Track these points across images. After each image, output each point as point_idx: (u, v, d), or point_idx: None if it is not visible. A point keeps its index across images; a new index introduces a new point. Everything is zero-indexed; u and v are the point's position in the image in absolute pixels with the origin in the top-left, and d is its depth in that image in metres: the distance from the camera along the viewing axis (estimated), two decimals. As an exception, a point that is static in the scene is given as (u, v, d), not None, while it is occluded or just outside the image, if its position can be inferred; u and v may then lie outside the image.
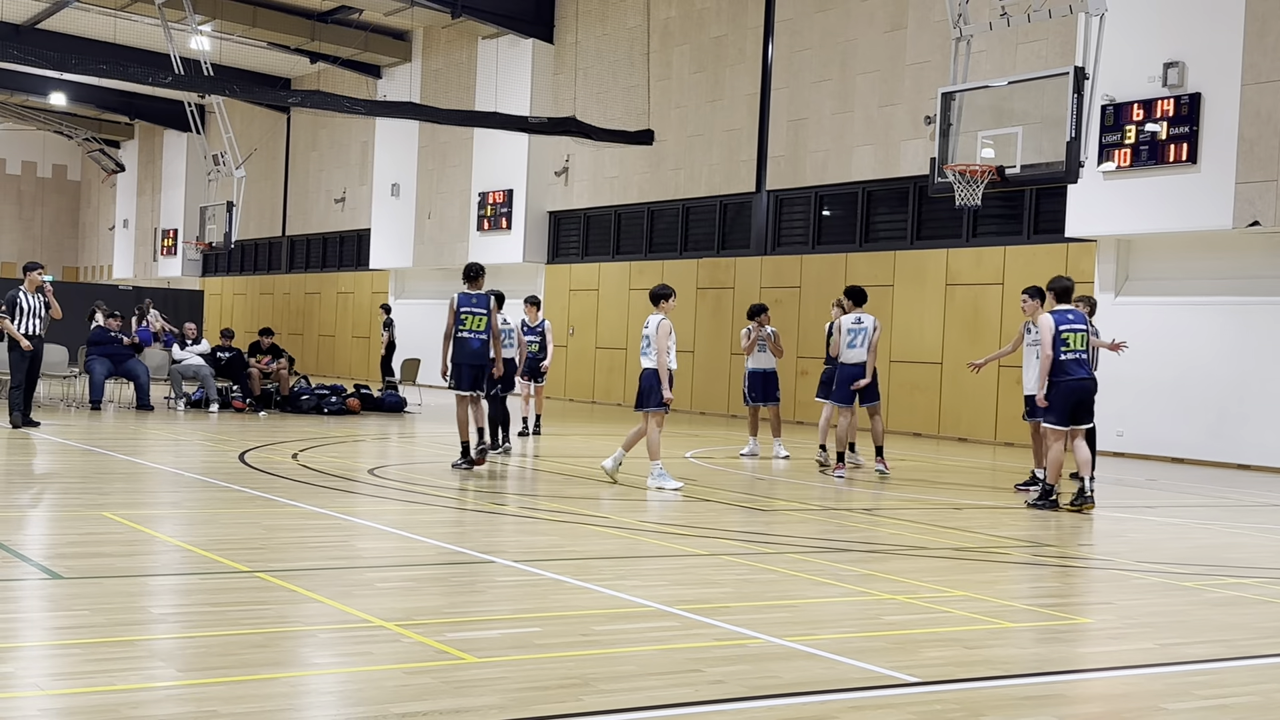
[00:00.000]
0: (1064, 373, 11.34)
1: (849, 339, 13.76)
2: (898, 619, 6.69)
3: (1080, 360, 11.40)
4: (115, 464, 12.48)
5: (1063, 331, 11.34)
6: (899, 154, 21.92)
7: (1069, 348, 11.34)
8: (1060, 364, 11.33)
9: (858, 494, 12.58)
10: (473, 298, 13.15)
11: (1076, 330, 11.39)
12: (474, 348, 13.03)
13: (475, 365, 13.03)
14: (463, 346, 13.02)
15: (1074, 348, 11.36)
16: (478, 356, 13.05)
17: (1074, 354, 11.36)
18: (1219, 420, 17.46)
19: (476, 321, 13.06)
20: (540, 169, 29.92)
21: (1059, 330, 11.33)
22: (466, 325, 13.05)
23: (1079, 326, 11.42)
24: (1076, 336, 11.37)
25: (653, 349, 12.11)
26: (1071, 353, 11.35)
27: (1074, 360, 11.36)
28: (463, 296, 13.11)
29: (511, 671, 5.22)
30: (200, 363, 20.32)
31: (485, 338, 13.09)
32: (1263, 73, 16.46)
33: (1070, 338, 11.34)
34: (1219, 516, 12.04)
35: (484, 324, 13.09)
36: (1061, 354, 11.33)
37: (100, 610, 6.02)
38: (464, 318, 13.05)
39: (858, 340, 13.74)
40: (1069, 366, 11.34)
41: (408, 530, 9.00)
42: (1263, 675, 5.84)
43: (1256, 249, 17.32)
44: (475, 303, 13.13)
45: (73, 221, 55.69)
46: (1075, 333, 11.38)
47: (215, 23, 32.31)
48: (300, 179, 40.71)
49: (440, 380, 14.50)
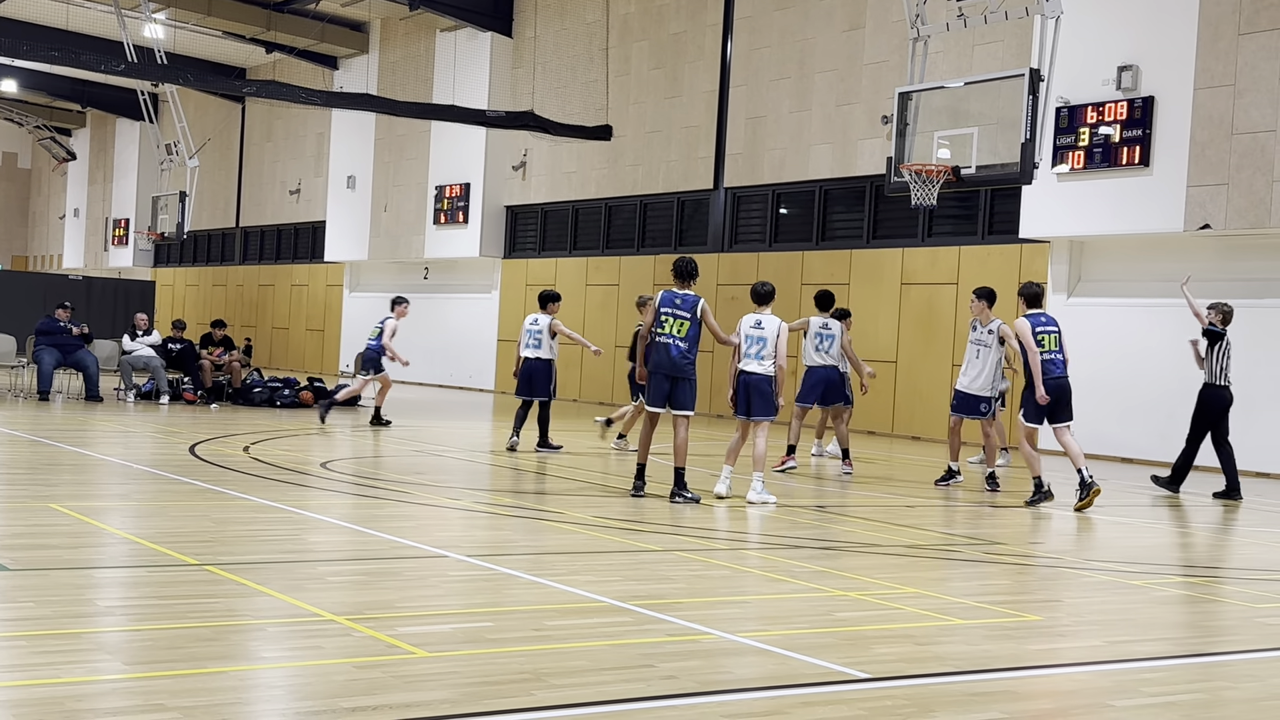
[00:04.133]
0: (1043, 373, 11.83)
1: (815, 343, 14.19)
2: (849, 615, 6.72)
3: (1056, 360, 11.94)
4: (63, 455, 12.33)
5: (1039, 334, 11.87)
6: (856, 153, 22.01)
7: (1044, 348, 11.88)
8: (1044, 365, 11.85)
9: (811, 491, 12.61)
10: (677, 297, 10.95)
11: (1050, 332, 11.98)
12: (672, 355, 10.88)
13: (671, 376, 10.96)
14: (661, 352, 10.91)
15: (1049, 348, 11.92)
16: (676, 368, 10.91)
17: (1050, 354, 11.91)
18: (1168, 421, 17.63)
19: (678, 325, 10.87)
20: (498, 163, 29.83)
21: (1035, 333, 11.87)
22: (665, 329, 10.90)
23: (1052, 329, 12.02)
24: (1051, 338, 11.95)
25: (769, 350, 11.05)
26: (1047, 353, 11.90)
27: (1050, 360, 11.89)
28: (667, 295, 11.02)
29: (463, 666, 5.19)
30: (151, 354, 20.08)
31: (685, 346, 10.88)
32: (1215, 77, 16.66)
33: (1046, 339, 11.90)
34: (1167, 516, 12.18)
35: (685, 329, 10.86)
36: (1041, 355, 11.85)
37: (46, 603, 5.94)
38: (664, 319, 10.92)
39: (825, 344, 14.16)
40: (1046, 366, 11.85)
41: (360, 524, 8.94)
42: (1209, 673, 5.91)
43: (1207, 252, 17.53)
44: (680, 304, 10.91)
45: (22, 210, 54.97)
46: (1049, 334, 11.97)
47: (170, 11, 31.97)
48: (255, 170, 40.38)
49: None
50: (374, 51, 33.87)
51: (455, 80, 30.23)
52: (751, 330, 11.16)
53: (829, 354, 14.14)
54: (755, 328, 11.16)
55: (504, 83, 29.64)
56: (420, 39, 32.09)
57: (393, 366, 17.82)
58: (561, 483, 12.16)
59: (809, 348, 14.24)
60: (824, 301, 14.38)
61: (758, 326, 11.16)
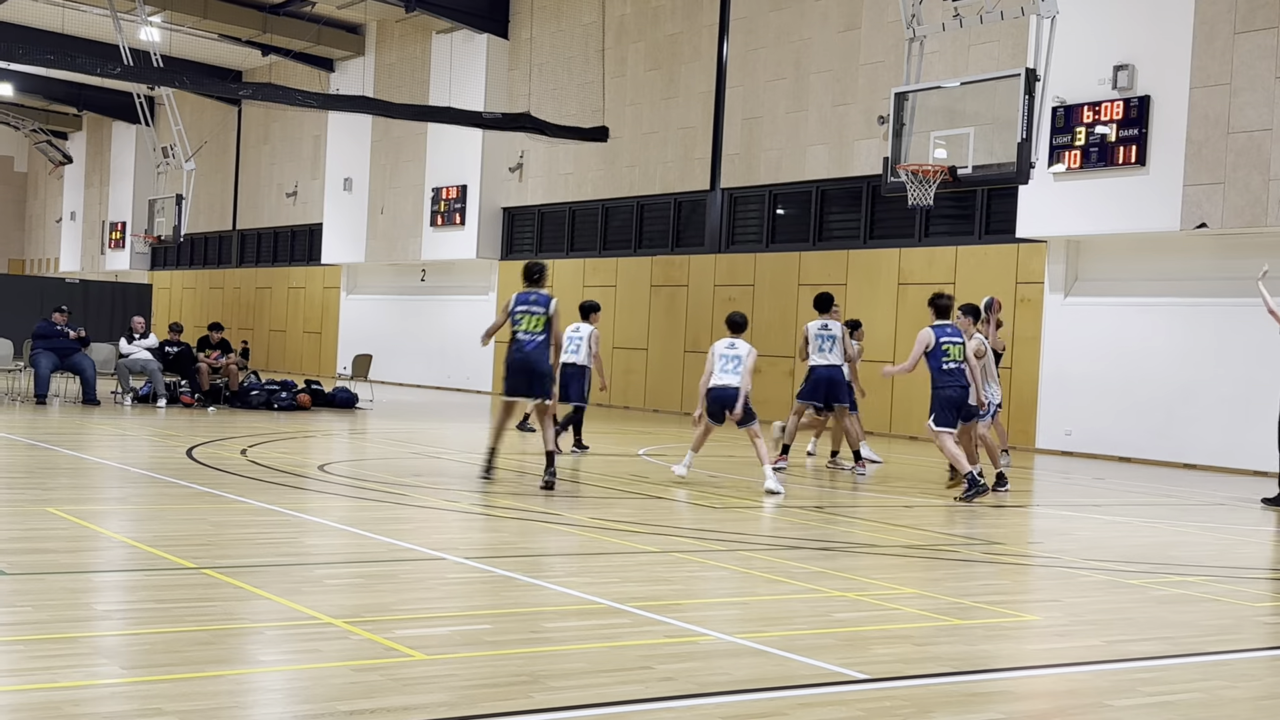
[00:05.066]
0: (950, 381, 12.26)
1: (817, 344, 14.32)
2: (848, 616, 6.72)
3: (959, 369, 12.32)
4: (60, 459, 12.32)
5: (944, 344, 12.28)
6: (852, 153, 22.02)
7: (950, 358, 12.27)
8: (946, 373, 12.23)
9: (809, 492, 12.62)
10: (532, 295, 11.72)
11: (955, 343, 12.36)
12: (528, 350, 11.60)
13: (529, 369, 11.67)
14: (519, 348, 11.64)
15: (954, 358, 12.31)
16: (533, 361, 11.61)
17: (954, 364, 12.29)
18: (1166, 420, 17.67)
19: (533, 322, 11.61)
20: (494, 165, 29.82)
21: (939, 343, 12.26)
22: (522, 325, 11.61)
23: (957, 340, 12.38)
24: (956, 348, 12.34)
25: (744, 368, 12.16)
26: (952, 362, 12.28)
27: (955, 369, 12.30)
28: (521, 295, 11.76)
29: (460, 669, 5.19)
30: (148, 357, 20.07)
31: (541, 339, 11.62)
32: (1211, 76, 16.67)
33: (951, 349, 12.30)
34: (1165, 515, 12.18)
35: (541, 325, 11.61)
36: (944, 364, 12.23)
37: (44, 607, 5.93)
38: (520, 318, 11.62)
39: (826, 345, 14.28)
40: (955, 375, 12.28)
41: (357, 527, 8.94)
42: (1206, 672, 5.91)
43: (1203, 251, 17.54)
44: (535, 301, 11.70)
45: (19, 213, 54.92)
46: (955, 345, 12.35)
47: (165, 14, 31.95)
48: (251, 172, 40.36)
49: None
50: (370, 54, 33.87)
51: (451, 82, 30.22)
52: (726, 350, 12.28)
53: (831, 354, 14.20)
54: (730, 348, 12.30)
55: (500, 84, 29.64)
56: (416, 41, 32.08)
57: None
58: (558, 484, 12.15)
59: (811, 350, 14.29)
60: (822, 303, 14.45)
61: (732, 347, 12.30)
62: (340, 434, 17.25)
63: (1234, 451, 16.93)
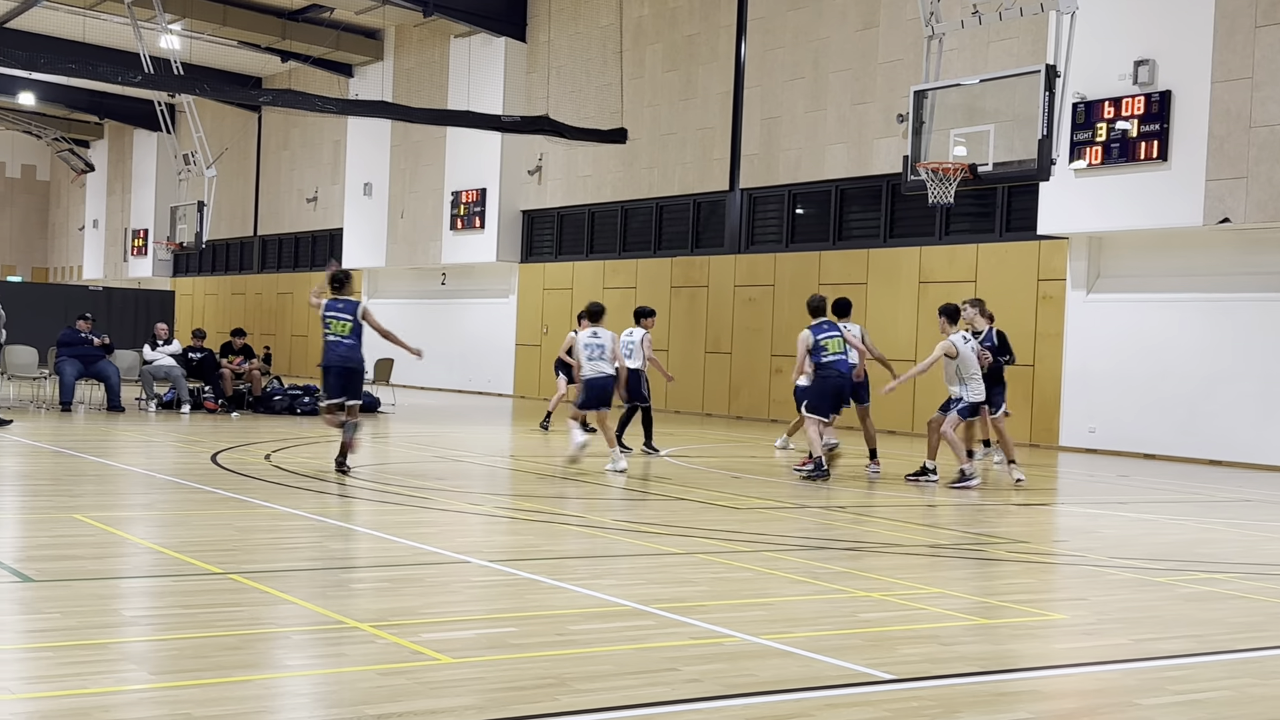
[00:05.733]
0: (828, 372, 13.36)
1: None
2: (873, 616, 6.70)
3: (838, 361, 13.42)
4: (86, 466, 12.39)
5: (821, 340, 13.39)
6: (872, 152, 21.97)
7: (828, 352, 13.42)
8: (824, 365, 13.37)
9: (833, 492, 12.60)
10: (339, 303, 12.49)
11: (832, 337, 13.44)
12: (341, 352, 12.31)
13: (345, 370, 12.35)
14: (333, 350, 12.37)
15: (832, 351, 13.43)
16: (347, 360, 12.34)
17: (833, 356, 13.41)
18: (1190, 416, 17.57)
19: (341, 326, 12.35)
20: (513, 168, 29.86)
21: (817, 340, 13.37)
22: (332, 329, 12.36)
23: (834, 334, 13.48)
24: (833, 342, 13.42)
25: (609, 355, 13.20)
26: (830, 355, 13.40)
27: (833, 361, 13.40)
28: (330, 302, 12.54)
29: (487, 672, 5.20)
30: (172, 363, 20.18)
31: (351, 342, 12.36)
32: (1232, 70, 16.57)
33: (828, 344, 13.41)
34: (1191, 512, 12.12)
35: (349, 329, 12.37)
36: (822, 358, 13.36)
37: (72, 613, 5.97)
38: (330, 322, 12.34)
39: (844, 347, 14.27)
40: (834, 366, 13.40)
41: (381, 531, 8.96)
42: (1235, 670, 5.88)
43: (1227, 246, 17.44)
44: (342, 308, 12.49)
45: (42, 222, 55.25)
46: (831, 339, 13.43)
47: (185, 21, 32.10)
48: (272, 178, 40.51)
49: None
50: (389, 58, 33.96)
51: (470, 86, 30.28)
52: (590, 340, 13.26)
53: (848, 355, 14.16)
54: (593, 337, 13.28)
55: (518, 87, 29.68)
56: (435, 45, 32.16)
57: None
58: (581, 486, 12.17)
59: None
60: (841, 309, 14.48)
61: (595, 336, 13.28)
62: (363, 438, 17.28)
63: (1260, 447, 16.82)
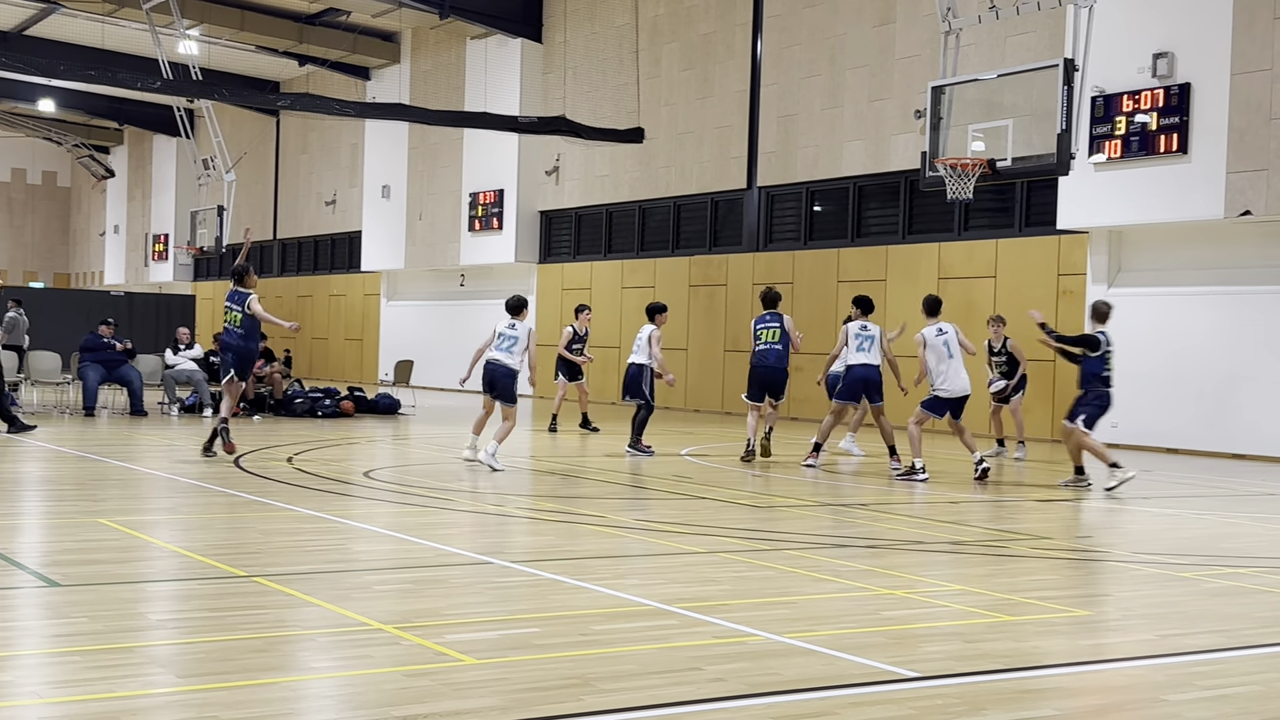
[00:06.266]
0: (758, 360, 14.28)
1: (857, 344, 14.40)
2: (897, 614, 6.69)
3: (769, 350, 14.29)
4: (110, 470, 12.45)
5: (757, 329, 14.33)
6: (889, 148, 21.92)
7: (761, 341, 14.28)
8: (756, 353, 14.29)
9: (854, 489, 12.58)
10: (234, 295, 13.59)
11: (770, 327, 14.35)
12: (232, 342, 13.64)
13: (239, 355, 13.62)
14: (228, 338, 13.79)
15: (765, 341, 14.27)
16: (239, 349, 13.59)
17: (765, 345, 14.28)
18: (1213, 410, 17.47)
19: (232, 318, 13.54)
20: (531, 169, 29.89)
21: (755, 329, 14.32)
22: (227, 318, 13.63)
23: (772, 325, 14.37)
24: (768, 332, 14.32)
25: (519, 349, 13.31)
26: (763, 344, 14.27)
27: (764, 350, 14.31)
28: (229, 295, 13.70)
29: (511, 672, 5.21)
30: (193, 368, 20.27)
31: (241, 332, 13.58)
32: (1251, 62, 16.48)
33: (762, 333, 14.29)
34: (1215, 506, 12.06)
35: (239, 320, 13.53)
36: (756, 346, 14.32)
37: (98, 617, 6.00)
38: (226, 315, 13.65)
39: (865, 344, 14.39)
40: (765, 355, 14.26)
41: (404, 532, 8.98)
42: (1263, 664, 5.84)
43: (1248, 238, 17.34)
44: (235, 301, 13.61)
45: (63, 228, 55.56)
46: (768, 329, 14.34)
47: (203, 26, 32.25)
48: (290, 182, 40.65)
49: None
50: (405, 61, 34.04)
51: (487, 87, 30.32)
52: (506, 330, 13.36)
53: (870, 353, 14.31)
54: (510, 329, 13.39)
55: (535, 88, 29.71)
56: (451, 47, 32.21)
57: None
58: (601, 486, 12.17)
59: (850, 348, 14.36)
60: (864, 304, 14.51)
61: (512, 328, 13.41)
62: (384, 440, 17.34)
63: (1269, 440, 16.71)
